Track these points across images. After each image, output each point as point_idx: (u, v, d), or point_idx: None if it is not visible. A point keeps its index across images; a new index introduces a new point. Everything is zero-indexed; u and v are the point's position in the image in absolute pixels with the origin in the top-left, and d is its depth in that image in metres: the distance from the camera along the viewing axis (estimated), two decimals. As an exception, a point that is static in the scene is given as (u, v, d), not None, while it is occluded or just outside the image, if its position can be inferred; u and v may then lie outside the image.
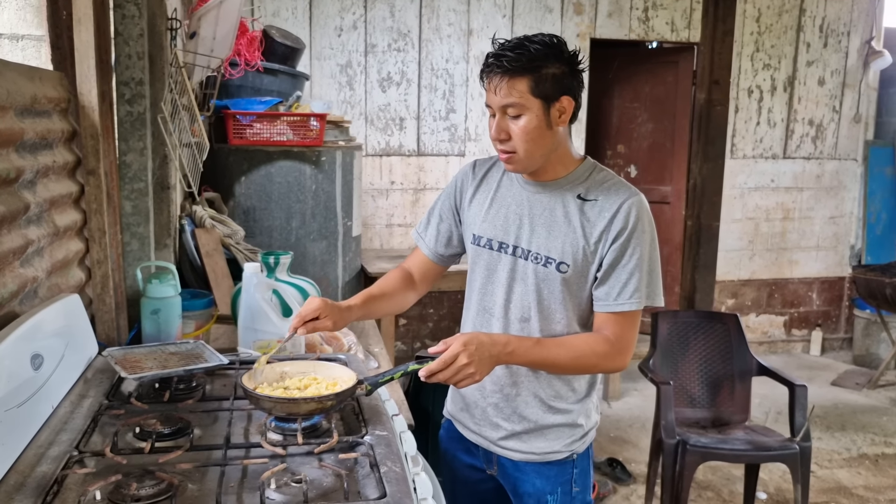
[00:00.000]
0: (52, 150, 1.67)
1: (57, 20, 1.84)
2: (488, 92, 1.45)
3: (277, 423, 1.29)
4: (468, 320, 1.68)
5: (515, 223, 1.57)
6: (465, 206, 1.67)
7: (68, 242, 1.75)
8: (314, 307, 1.48)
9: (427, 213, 1.77)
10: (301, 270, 3.22)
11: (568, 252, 1.50)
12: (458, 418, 1.72)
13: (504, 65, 1.40)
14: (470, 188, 1.67)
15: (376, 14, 4.45)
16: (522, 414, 1.60)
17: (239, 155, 3.18)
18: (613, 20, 4.85)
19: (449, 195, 1.71)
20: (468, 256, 1.68)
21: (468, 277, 1.68)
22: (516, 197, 1.59)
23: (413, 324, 4.77)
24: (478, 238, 1.62)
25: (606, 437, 3.97)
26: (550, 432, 1.61)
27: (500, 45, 1.44)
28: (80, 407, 1.34)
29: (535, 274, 1.53)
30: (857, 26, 5.34)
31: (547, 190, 1.55)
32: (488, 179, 1.65)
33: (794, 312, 5.61)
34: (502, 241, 1.58)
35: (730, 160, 5.16)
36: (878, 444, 3.98)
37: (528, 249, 1.54)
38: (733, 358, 3.19)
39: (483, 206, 1.63)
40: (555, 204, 1.53)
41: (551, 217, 1.53)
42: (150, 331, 1.89)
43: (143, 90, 2.31)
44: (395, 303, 1.74)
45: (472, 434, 1.69)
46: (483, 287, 1.62)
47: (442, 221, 1.72)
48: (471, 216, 1.65)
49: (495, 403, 1.62)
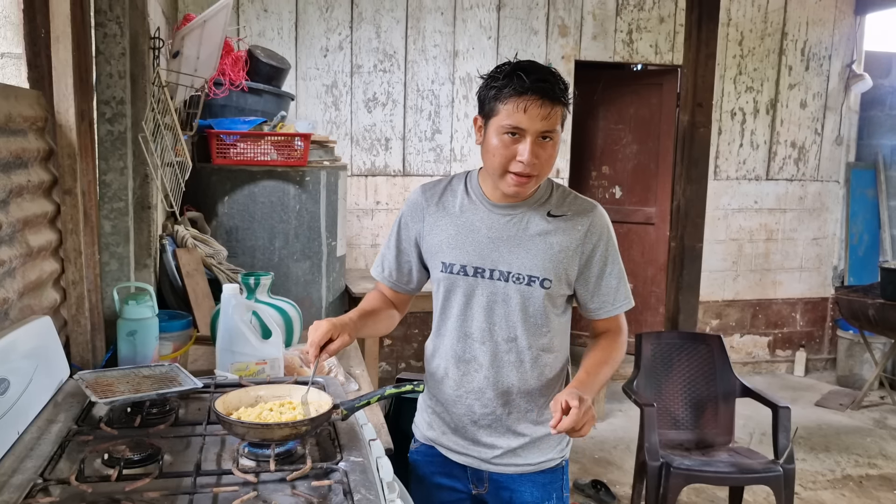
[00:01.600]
0: (27, 170, 1.65)
1: (35, 38, 1.82)
2: (519, 113, 1.43)
3: (251, 448, 1.27)
4: (444, 346, 1.65)
5: (489, 247, 1.57)
6: (424, 234, 1.65)
7: (42, 263, 1.73)
8: (324, 330, 1.46)
9: (382, 252, 1.74)
10: (284, 291, 3.19)
11: (549, 268, 1.54)
12: (440, 442, 1.70)
13: (551, 93, 1.44)
14: (427, 215, 1.64)
15: (362, 35, 4.47)
16: (516, 430, 1.63)
17: (222, 174, 3.16)
18: (598, 42, 4.89)
19: (404, 227, 1.69)
20: (437, 284, 1.66)
21: (439, 304, 1.66)
22: (485, 221, 1.58)
23: (398, 344, 4.74)
24: (449, 266, 1.60)
25: (591, 458, 3.95)
26: (543, 443, 1.64)
27: (524, 68, 1.44)
28: (47, 432, 1.31)
29: (520, 294, 1.55)
30: (838, 50, 5.42)
31: (518, 210, 1.57)
32: (445, 205, 1.63)
33: (777, 333, 5.63)
34: (478, 266, 1.57)
35: (713, 181, 5.19)
36: (862, 465, 3.98)
37: (507, 271, 1.55)
38: (717, 379, 3.19)
39: (447, 232, 1.61)
40: (527, 223, 1.56)
41: (526, 235, 1.56)
42: (126, 353, 1.86)
43: (124, 109, 2.29)
44: (383, 322, 1.73)
45: (460, 455, 1.67)
46: (462, 313, 1.61)
47: (400, 253, 1.71)
48: (434, 244, 1.63)
49: (488, 425, 1.63)
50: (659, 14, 4.97)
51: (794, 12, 5.27)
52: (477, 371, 1.61)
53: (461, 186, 1.64)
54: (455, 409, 1.64)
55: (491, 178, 1.54)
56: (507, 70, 1.47)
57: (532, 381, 1.61)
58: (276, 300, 2.28)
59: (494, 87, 1.48)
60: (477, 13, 4.64)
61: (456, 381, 1.63)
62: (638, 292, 5.32)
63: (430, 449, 1.72)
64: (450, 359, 1.64)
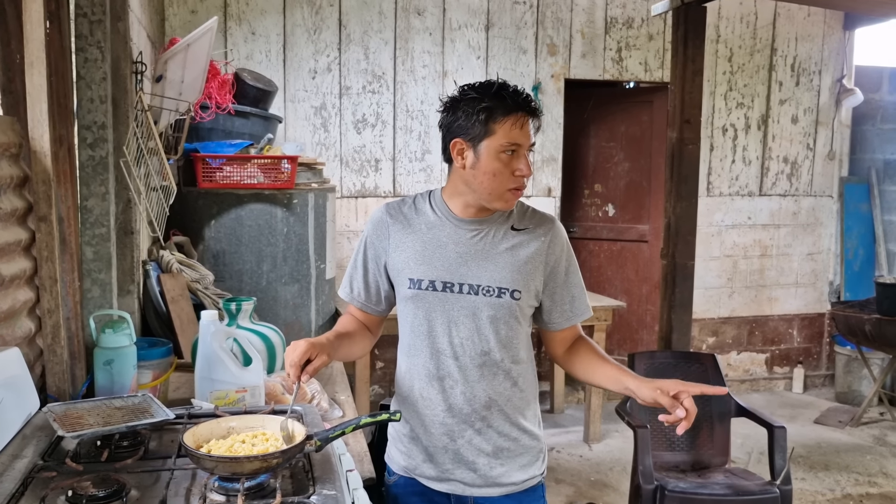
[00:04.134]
0: (0, 197, 1.62)
1: (10, 64, 1.80)
2: (516, 129, 1.51)
3: (221, 482, 1.23)
4: (417, 366, 1.62)
5: (458, 262, 1.58)
6: (390, 251, 1.65)
7: (16, 292, 1.69)
8: (302, 350, 1.43)
9: (349, 273, 1.73)
10: (273, 315, 3.16)
11: (518, 279, 1.57)
12: (420, 472, 1.65)
13: (536, 108, 1.54)
14: (392, 233, 1.64)
15: (350, 56, 4.47)
16: (497, 445, 1.61)
17: (209, 198, 3.14)
18: (587, 61, 4.90)
19: (370, 245, 1.68)
20: (404, 302, 1.64)
21: (407, 323, 1.64)
22: (452, 236, 1.60)
23: (390, 367, 4.69)
24: (417, 282, 1.59)
25: (587, 481, 3.89)
26: (523, 458, 1.64)
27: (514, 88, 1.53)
28: (11, 468, 1.27)
29: (490, 306, 1.57)
30: (828, 65, 5.43)
31: (484, 225, 1.61)
32: (410, 223, 1.64)
33: (775, 350, 5.58)
34: (447, 280, 1.58)
35: (706, 198, 5.18)
36: (863, 483, 3.92)
37: (478, 285, 1.57)
38: (712, 399, 3.14)
39: (413, 248, 1.61)
40: (493, 237, 1.60)
41: (494, 250, 1.59)
42: (102, 382, 1.82)
43: (105, 134, 2.27)
44: (358, 344, 1.71)
45: (442, 483, 1.63)
46: (431, 329, 1.59)
47: (367, 272, 1.70)
48: (400, 261, 1.62)
49: (468, 440, 1.60)
50: (648, 32, 4.98)
51: (783, 28, 5.29)
52: (452, 388, 1.59)
53: (426, 205, 1.66)
54: (433, 429, 1.61)
55: (485, 199, 1.55)
56: (492, 91, 1.51)
57: (507, 393, 1.61)
58: (259, 326, 2.24)
59: (484, 108, 1.49)
60: (465, 33, 4.65)
61: (431, 399, 1.60)
62: (632, 310, 5.29)
63: (410, 480, 1.67)
64: (423, 377, 1.61)
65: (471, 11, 4.65)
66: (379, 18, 4.50)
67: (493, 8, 4.69)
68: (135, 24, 2.84)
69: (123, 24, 2.45)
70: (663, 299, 3.70)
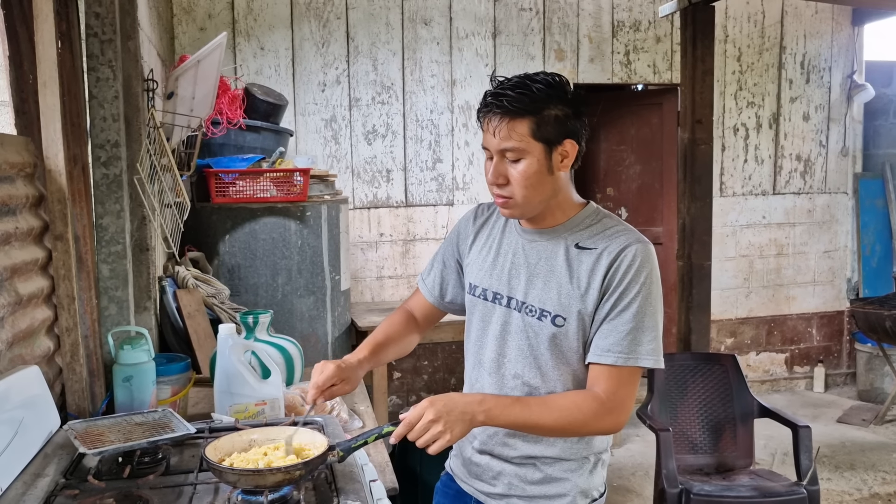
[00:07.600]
0: (16, 217, 1.63)
1: (22, 85, 1.81)
2: (486, 133, 1.36)
3: (244, 496, 1.22)
4: (466, 371, 1.60)
5: (511, 273, 1.47)
6: (465, 253, 1.60)
7: (34, 311, 1.69)
8: (329, 375, 1.42)
9: (432, 258, 1.70)
10: (289, 327, 3.16)
11: (565, 305, 1.38)
12: (454, 470, 1.63)
13: (504, 105, 1.31)
14: (470, 234, 1.60)
15: (359, 68, 4.48)
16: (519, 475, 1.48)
17: (222, 213, 3.15)
18: (595, 65, 4.89)
19: (451, 241, 1.65)
20: (466, 306, 1.59)
21: (466, 328, 1.60)
22: (513, 245, 1.49)
23: (407, 377, 4.68)
24: (473, 287, 1.55)
25: (609, 486, 3.83)
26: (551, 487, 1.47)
27: (500, 83, 1.35)
28: (33, 487, 1.26)
29: (529, 328, 1.42)
30: (837, 61, 5.39)
31: (544, 237, 1.44)
32: (491, 226, 1.57)
33: (794, 349, 5.52)
34: (497, 291, 1.48)
35: (720, 198, 5.14)
36: (890, 482, 3.86)
37: (522, 301, 1.43)
38: (733, 400, 3.11)
39: (482, 254, 1.55)
40: (552, 253, 1.42)
41: (548, 267, 1.42)
42: (122, 399, 1.82)
43: (119, 152, 2.28)
44: (401, 347, 1.67)
45: (465, 484, 1.59)
46: (478, 339, 1.53)
47: (445, 267, 1.66)
48: (470, 264, 1.58)
49: (487, 464, 1.52)
50: (655, 34, 4.97)
51: (791, 26, 5.26)
52: None
53: None
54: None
55: None
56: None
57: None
58: (276, 338, 2.24)
59: (478, 110, 1.42)
60: (473, 41, 4.65)
61: None
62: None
63: (452, 480, 1.64)
64: (466, 384, 1.59)
65: (477, 20, 4.65)
66: (386, 30, 4.51)
67: (500, 15, 4.69)
68: (145, 43, 2.86)
69: (134, 43, 2.46)
70: (681, 301, 3.67)
